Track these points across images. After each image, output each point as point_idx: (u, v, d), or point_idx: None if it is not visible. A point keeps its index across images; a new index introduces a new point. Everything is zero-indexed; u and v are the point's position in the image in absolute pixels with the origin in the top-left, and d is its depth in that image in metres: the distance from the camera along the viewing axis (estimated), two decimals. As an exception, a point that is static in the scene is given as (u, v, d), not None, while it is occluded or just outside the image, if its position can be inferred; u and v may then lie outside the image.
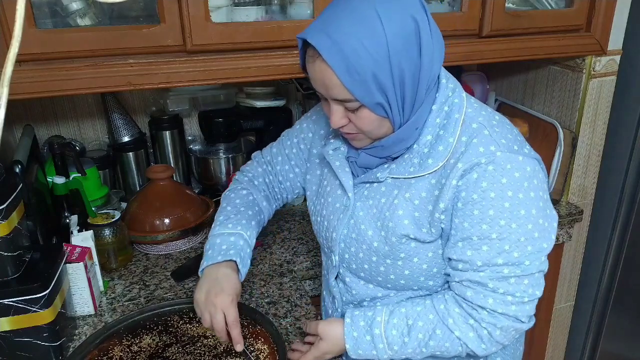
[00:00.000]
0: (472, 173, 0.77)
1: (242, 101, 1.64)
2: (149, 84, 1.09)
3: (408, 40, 0.72)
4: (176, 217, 1.38)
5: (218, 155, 1.63)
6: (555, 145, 1.59)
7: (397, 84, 0.74)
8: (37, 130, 1.49)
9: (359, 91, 0.74)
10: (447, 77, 0.84)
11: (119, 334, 0.98)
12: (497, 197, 0.76)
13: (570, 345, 1.96)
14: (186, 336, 0.98)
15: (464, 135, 0.80)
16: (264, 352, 0.93)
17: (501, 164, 0.76)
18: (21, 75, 0.99)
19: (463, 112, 0.81)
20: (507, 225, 0.77)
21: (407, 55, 0.73)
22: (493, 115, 0.84)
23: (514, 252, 0.77)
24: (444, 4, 1.35)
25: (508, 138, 0.80)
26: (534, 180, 0.78)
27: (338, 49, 0.71)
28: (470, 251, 0.79)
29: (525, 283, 0.79)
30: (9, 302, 0.90)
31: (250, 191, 1.06)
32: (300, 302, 1.17)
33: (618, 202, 1.68)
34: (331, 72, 0.73)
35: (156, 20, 1.07)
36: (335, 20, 0.72)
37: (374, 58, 0.71)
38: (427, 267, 0.86)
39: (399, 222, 0.84)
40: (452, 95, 0.82)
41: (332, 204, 0.94)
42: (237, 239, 0.96)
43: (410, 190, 0.83)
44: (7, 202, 0.88)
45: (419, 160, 0.82)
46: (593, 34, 1.45)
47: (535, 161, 0.80)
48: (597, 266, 1.79)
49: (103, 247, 1.25)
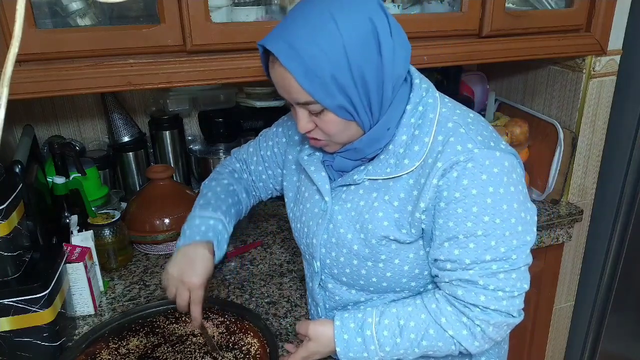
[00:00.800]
0: (452, 172, 0.77)
1: (242, 101, 1.64)
2: (149, 84, 1.09)
3: (365, 41, 0.73)
4: (176, 217, 1.38)
5: (218, 155, 1.63)
6: (555, 145, 1.59)
7: (359, 84, 0.74)
8: (37, 130, 1.49)
9: (319, 94, 0.74)
10: (420, 77, 0.85)
11: (104, 338, 0.98)
12: (479, 193, 0.77)
13: (570, 345, 1.96)
14: (174, 336, 0.98)
15: (440, 134, 0.80)
16: (255, 346, 0.95)
17: (479, 161, 0.77)
18: (21, 75, 0.99)
19: (437, 112, 0.82)
20: (491, 221, 0.77)
21: (366, 56, 0.73)
22: (467, 114, 0.84)
23: (501, 247, 0.78)
24: (444, 4, 1.35)
25: (484, 135, 0.80)
26: (513, 174, 0.79)
27: (295, 53, 0.72)
28: (458, 250, 0.79)
29: (513, 277, 0.79)
30: (9, 302, 0.90)
31: (231, 182, 1.07)
32: (300, 302, 1.17)
33: (618, 202, 1.68)
34: (290, 76, 0.73)
35: (156, 20, 1.07)
36: (291, 26, 0.74)
37: (332, 60, 0.71)
38: (409, 268, 0.86)
39: (379, 223, 0.83)
40: (426, 95, 0.83)
41: (310, 209, 0.94)
42: (216, 222, 0.96)
43: (389, 192, 0.83)
44: (7, 202, 0.88)
45: (395, 160, 0.82)
46: (593, 34, 1.45)
47: (512, 156, 0.81)
48: (597, 266, 1.79)
49: (103, 247, 1.26)
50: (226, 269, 1.30)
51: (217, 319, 1.02)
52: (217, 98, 1.63)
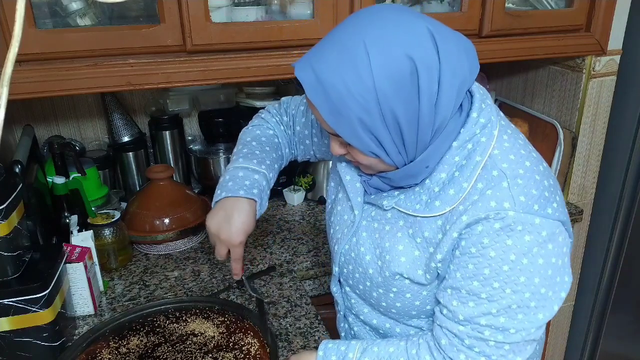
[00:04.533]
0: (478, 225, 0.70)
1: (242, 101, 1.64)
2: (148, 84, 1.09)
3: (401, 82, 0.64)
4: (176, 217, 1.38)
5: (218, 155, 1.63)
6: (555, 145, 1.59)
7: (391, 128, 0.67)
8: (37, 130, 1.49)
9: (345, 133, 0.69)
10: (481, 110, 0.73)
11: (104, 337, 0.98)
12: (496, 257, 0.69)
13: (570, 345, 1.96)
14: (174, 335, 0.98)
15: (481, 181, 0.71)
16: (255, 346, 0.95)
17: (510, 225, 0.68)
18: (21, 75, 0.99)
19: (487, 155, 0.72)
20: (500, 289, 0.70)
21: (400, 100, 0.65)
22: (523, 162, 0.73)
23: (500, 317, 0.71)
24: (444, 4, 1.35)
25: (531, 194, 0.70)
26: (549, 244, 0.69)
27: (322, 89, 0.66)
28: (457, 302, 0.73)
29: (505, 349, 0.72)
30: (9, 302, 0.90)
31: (276, 133, 1.00)
32: (300, 302, 1.17)
33: (618, 202, 1.68)
34: (316, 108, 0.69)
35: (156, 20, 1.07)
36: (323, 54, 0.66)
37: (360, 103, 0.65)
38: (420, 304, 0.83)
39: (396, 257, 0.79)
40: (480, 133, 0.72)
41: (341, 214, 0.91)
42: (260, 178, 0.91)
43: (414, 227, 0.77)
44: (7, 202, 0.88)
45: (427, 198, 0.75)
46: (593, 34, 1.45)
47: (558, 223, 0.71)
48: (597, 266, 1.79)
49: (103, 247, 1.25)
50: (226, 268, 1.30)
51: (217, 318, 1.02)
52: (217, 98, 1.63)
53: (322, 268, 1.31)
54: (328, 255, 1.36)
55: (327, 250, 1.39)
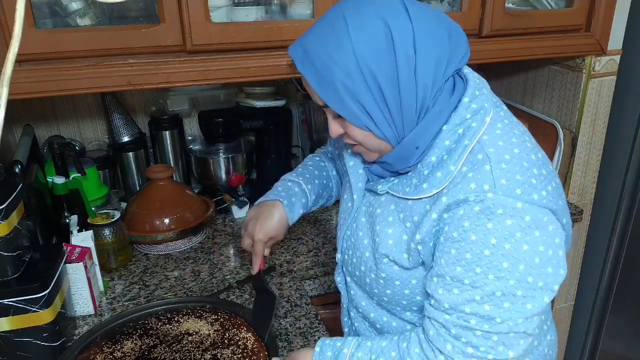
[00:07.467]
0: (459, 209, 0.70)
1: (242, 101, 1.64)
2: (148, 84, 1.09)
3: (377, 45, 0.68)
4: (176, 217, 1.38)
5: (218, 155, 1.63)
6: (555, 145, 1.59)
7: (374, 92, 0.70)
8: (37, 130, 1.49)
9: (334, 102, 0.72)
10: (473, 96, 0.75)
11: (97, 343, 0.97)
12: (477, 241, 0.69)
13: (570, 345, 1.96)
14: (169, 336, 0.98)
15: (466, 165, 0.72)
16: (250, 340, 0.95)
17: (490, 207, 0.68)
18: (21, 75, 0.99)
19: (476, 139, 0.72)
20: (482, 274, 0.69)
21: (379, 63, 0.68)
22: (512, 149, 0.73)
23: (485, 305, 0.70)
24: (444, 4, 1.35)
25: (514, 179, 0.69)
26: (535, 232, 0.68)
27: (309, 60, 0.72)
28: (442, 290, 0.73)
29: (494, 340, 0.71)
30: (8, 302, 0.90)
31: (322, 159, 1.15)
32: (300, 302, 1.17)
33: (618, 202, 1.68)
34: (307, 81, 0.74)
35: (156, 20, 1.07)
36: (310, 31, 0.74)
37: (342, 69, 0.69)
38: (410, 293, 0.84)
39: (384, 239, 0.81)
40: (472, 118, 0.73)
41: (346, 201, 0.95)
42: (293, 185, 1.06)
43: (405, 211, 0.79)
44: (7, 202, 0.88)
45: (416, 181, 0.77)
46: (593, 34, 1.45)
47: (546, 211, 0.70)
48: (597, 266, 1.79)
49: (103, 247, 1.26)
50: (226, 269, 1.30)
51: (210, 317, 1.02)
52: (217, 98, 1.63)
53: (322, 268, 1.31)
54: (328, 255, 1.37)
55: (327, 250, 1.39)
